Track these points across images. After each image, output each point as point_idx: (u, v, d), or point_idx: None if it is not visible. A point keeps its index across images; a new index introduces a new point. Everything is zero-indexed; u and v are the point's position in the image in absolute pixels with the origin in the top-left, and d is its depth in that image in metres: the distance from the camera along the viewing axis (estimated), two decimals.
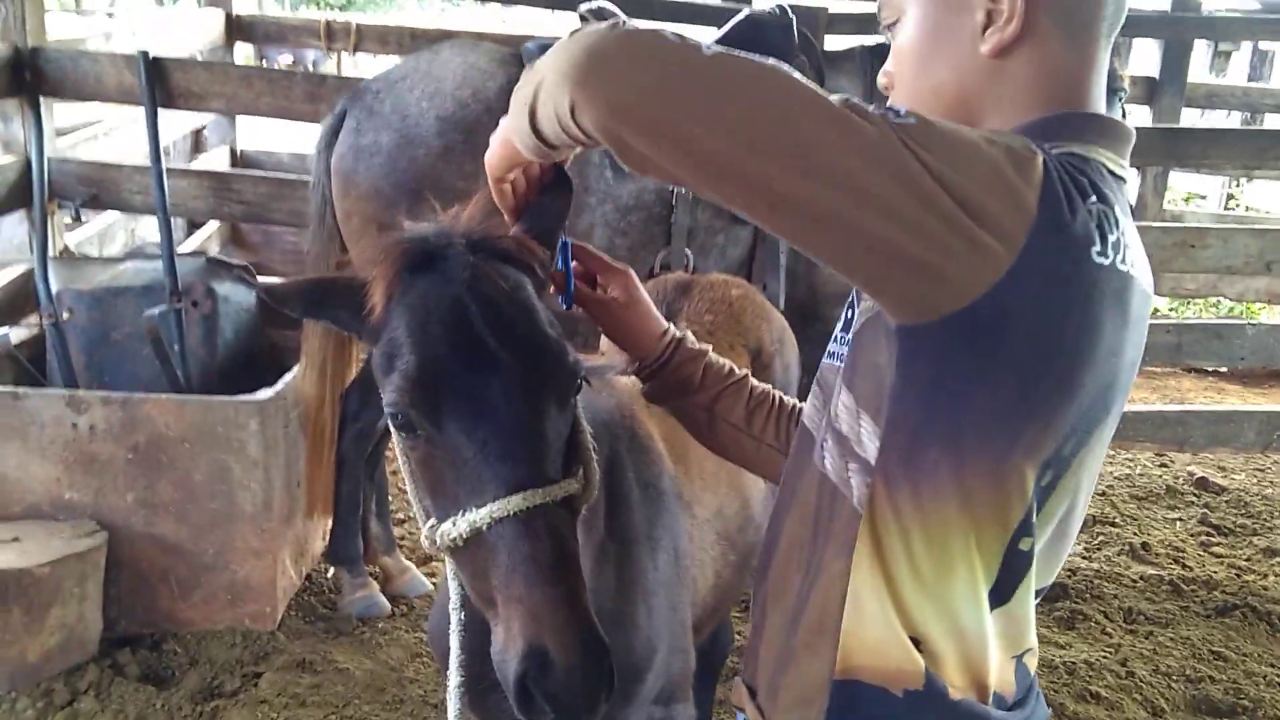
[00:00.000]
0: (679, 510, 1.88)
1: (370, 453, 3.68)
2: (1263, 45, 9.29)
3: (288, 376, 3.59)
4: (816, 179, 0.98)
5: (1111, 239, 1.08)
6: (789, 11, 3.66)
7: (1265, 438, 4.75)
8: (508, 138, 1.28)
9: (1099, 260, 1.06)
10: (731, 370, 1.60)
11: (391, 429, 1.37)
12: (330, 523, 3.71)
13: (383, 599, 3.67)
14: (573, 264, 1.54)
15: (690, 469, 1.95)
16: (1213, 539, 4.68)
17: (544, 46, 3.43)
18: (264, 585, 3.44)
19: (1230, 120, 8.27)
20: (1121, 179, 1.16)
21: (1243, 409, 5.71)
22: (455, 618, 1.46)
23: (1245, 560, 4.46)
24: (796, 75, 1.03)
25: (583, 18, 3.56)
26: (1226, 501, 5.07)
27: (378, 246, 1.39)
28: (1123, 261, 1.09)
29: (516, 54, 3.48)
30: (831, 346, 1.33)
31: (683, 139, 1.00)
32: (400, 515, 4.23)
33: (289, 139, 7.51)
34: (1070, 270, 1.05)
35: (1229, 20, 6.71)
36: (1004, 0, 1.16)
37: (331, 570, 3.84)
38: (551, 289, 1.50)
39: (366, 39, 5.67)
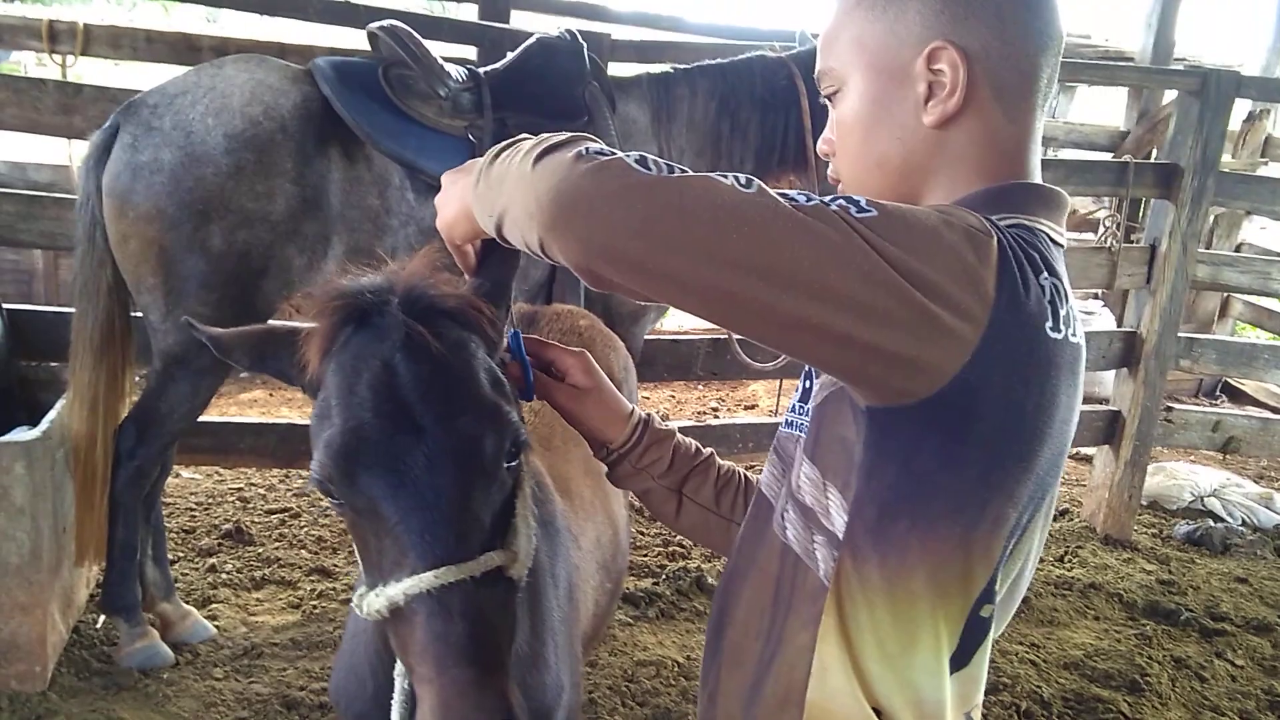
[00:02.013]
0: (569, 544, 1.89)
1: (147, 493, 3.42)
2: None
3: (52, 413, 3.29)
4: (788, 291, 1.00)
5: (1062, 313, 1.11)
6: (579, 37, 3.70)
7: None
8: (471, 214, 1.26)
9: (1053, 335, 1.10)
10: (698, 450, 1.58)
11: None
12: (103, 569, 3.42)
13: (165, 648, 3.41)
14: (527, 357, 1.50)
15: (573, 501, 1.97)
16: None
17: (337, 64, 3.34)
18: (32, 642, 3.13)
19: None
20: (1061, 246, 1.22)
21: None
22: (400, 684, 1.40)
23: None
24: (756, 185, 1.04)
25: (372, 35, 3.47)
26: None
27: (317, 297, 1.32)
28: (1074, 334, 1.14)
29: (307, 71, 3.34)
30: (789, 415, 1.35)
31: (657, 270, 1.02)
32: (173, 556, 3.95)
33: (38, 151, 6.86)
34: (1028, 349, 1.08)
35: None
36: (945, 72, 1.18)
37: (102, 620, 3.54)
38: (507, 382, 1.47)
39: (96, 41, 5.22)
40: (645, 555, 4.50)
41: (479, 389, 1.29)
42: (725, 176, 1.04)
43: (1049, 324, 1.10)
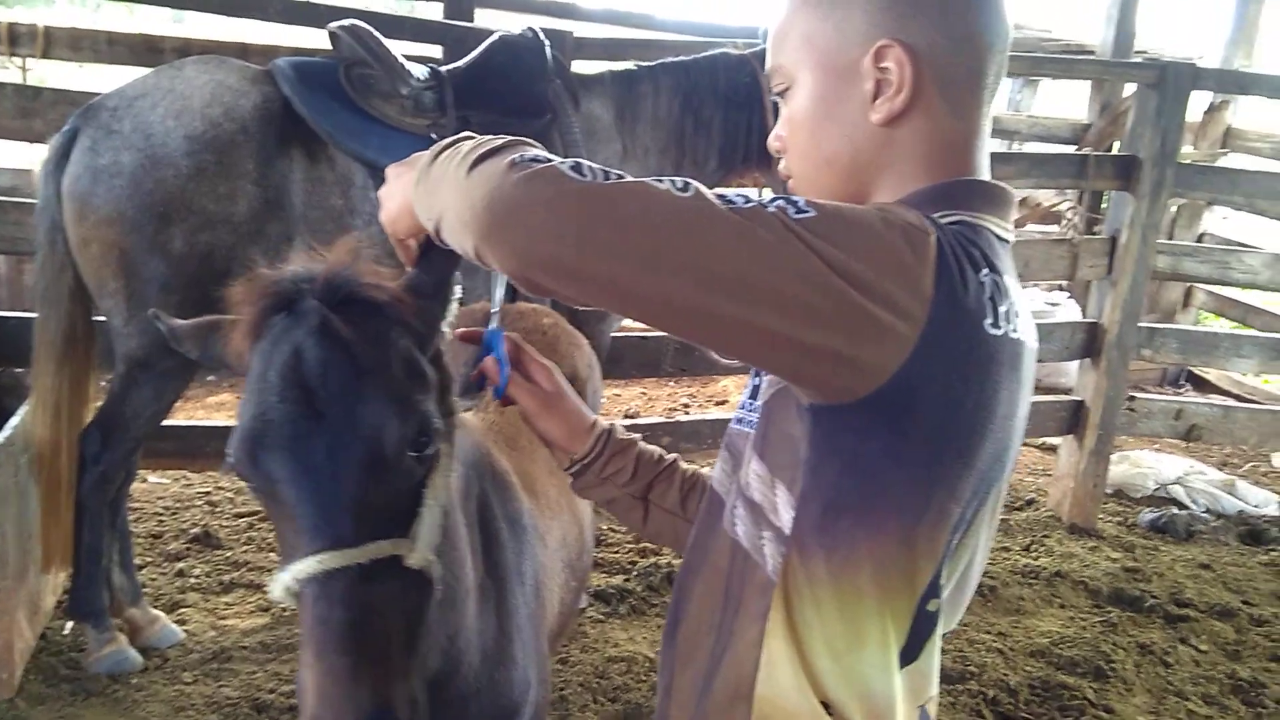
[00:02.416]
0: (536, 542, 1.90)
1: (112, 498, 3.40)
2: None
3: (14, 419, 3.27)
4: (723, 295, 1.01)
5: (1002, 309, 1.12)
6: (541, 34, 3.71)
7: None
8: (412, 210, 1.27)
9: (992, 332, 1.11)
10: (661, 457, 1.60)
11: None
12: (69, 575, 3.40)
13: (133, 653, 3.40)
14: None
15: (539, 500, 1.98)
16: None
17: (297, 64, 3.33)
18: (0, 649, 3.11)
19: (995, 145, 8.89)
20: (1006, 241, 1.23)
21: None
22: None
23: None
24: (694, 189, 1.05)
25: (333, 34, 3.46)
26: None
27: (246, 287, 1.35)
28: (1014, 330, 1.15)
29: (268, 71, 3.33)
30: (739, 412, 1.36)
31: (592, 278, 1.02)
32: (141, 561, 3.93)
33: None
34: (967, 346, 1.09)
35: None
36: (892, 70, 1.18)
37: (69, 626, 3.52)
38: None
39: (57, 44, 5.17)
40: (616, 552, 4.51)
41: (387, 377, 1.30)
42: (661, 181, 1.05)
43: (988, 320, 1.10)
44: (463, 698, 1.67)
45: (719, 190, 1.08)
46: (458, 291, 1.47)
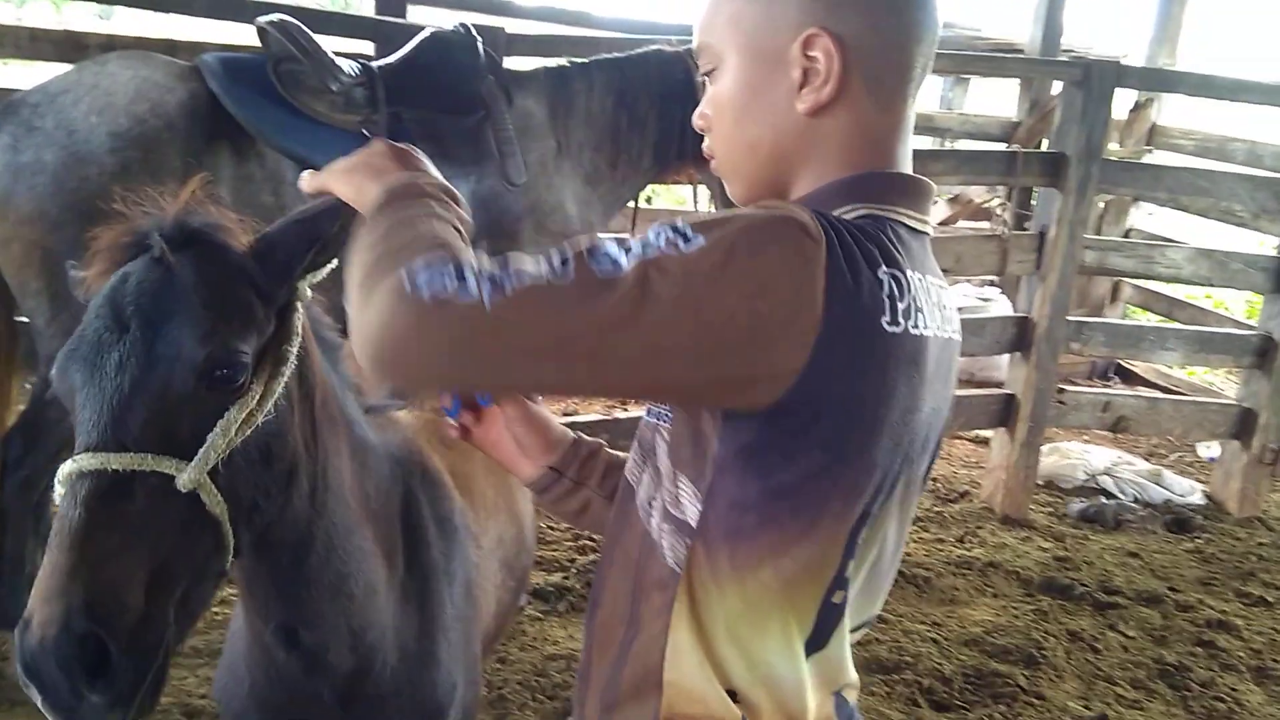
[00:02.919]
0: (468, 542, 1.89)
1: (35, 503, 3.33)
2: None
3: None
4: (622, 370, 1.06)
5: (902, 306, 1.12)
6: (472, 30, 3.69)
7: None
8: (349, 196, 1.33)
9: (890, 330, 1.11)
10: (622, 458, 1.58)
11: None
12: None
13: None
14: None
15: (474, 500, 1.97)
16: None
17: (225, 60, 3.28)
18: None
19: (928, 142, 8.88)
20: (922, 234, 1.24)
21: None
22: None
23: None
24: (570, 264, 1.05)
25: (261, 30, 3.41)
26: None
27: (107, 231, 1.43)
28: (914, 325, 1.14)
29: (194, 68, 3.28)
30: (651, 405, 1.36)
31: (482, 383, 1.14)
32: None
33: None
34: (863, 346, 1.10)
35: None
36: (820, 60, 1.18)
37: None
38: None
39: None
40: (555, 550, 4.50)
41: (200, 308, 1.34)
42: (541, 262, 1.06)
43: (885, 318, 1.11)
44: (379, 697, 1.68)
45: (607, 239, 1.09)
46: (335, 262, 1.50)
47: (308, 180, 1.42)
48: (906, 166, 1.27)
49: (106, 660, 1.19)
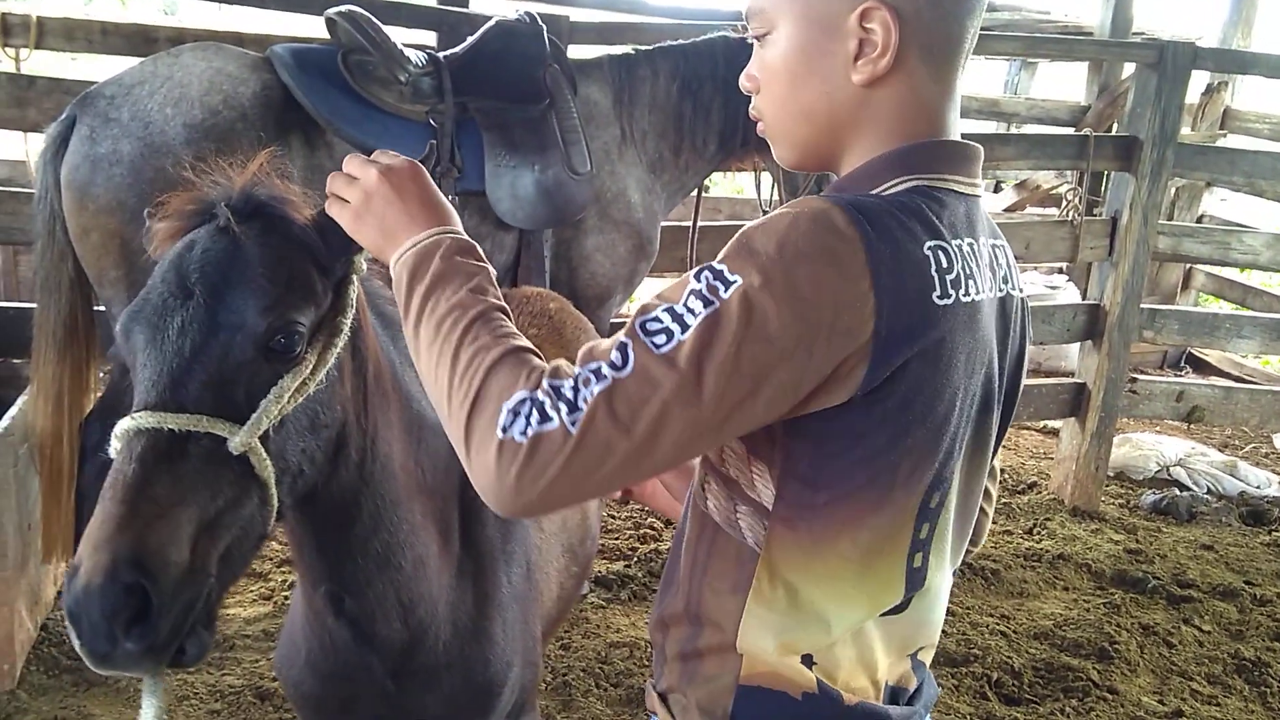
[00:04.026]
0: (529, 525, 1.90)
1: None
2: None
3: (13, 409, 3.26)
4: (711, 434, 1.11)
5: (950, 277, 1.14)
6: (538, 19, 3.69)
7: None
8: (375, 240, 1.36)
9: (941, 303, 1.13)
10: None
11: None
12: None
13: None
14: None
15: None
16: None
17: (295, 51, 3.32)
18: (0, 640, 3.11)
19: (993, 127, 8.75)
20: (973, 197, 1.25)
21: None
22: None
23: None
24: (631, 355, 1.08)
25: (330, 21, 3.44)
26: None
27: (176, 198, 1.46)
28: (965, 293, 1.16)
29: (265, 59, 3.31)
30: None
31: (601, 490, 1.15)
32: None
33: None
34: (920, 326, 1.12)
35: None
36: (877, 32, 1.18)
37: None
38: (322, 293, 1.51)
39: (50, 34, 5.14)
40: (617, 538, 4.51)
41: (263, 278, 1.37)
42: (604, 376, 1.08)
43: (935, 294, 1.13)
44: (431, 669, 1.71)
45: (658, 306, 1.11)
46: None
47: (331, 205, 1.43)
48: (955, 133, 1.27)
49: (147, 611, 1.21)
